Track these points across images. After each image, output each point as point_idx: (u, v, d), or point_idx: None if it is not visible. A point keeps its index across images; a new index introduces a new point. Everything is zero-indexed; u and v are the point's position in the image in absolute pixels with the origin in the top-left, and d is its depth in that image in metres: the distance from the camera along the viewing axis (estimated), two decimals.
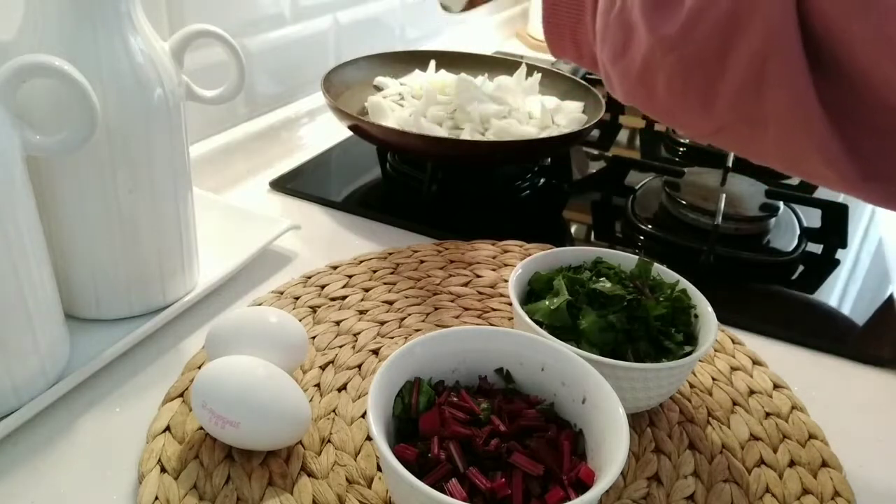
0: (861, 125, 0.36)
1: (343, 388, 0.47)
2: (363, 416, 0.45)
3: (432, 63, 0.89)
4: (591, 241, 0.70)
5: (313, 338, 0.51)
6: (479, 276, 0.60)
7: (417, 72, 0.88)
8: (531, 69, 0.87)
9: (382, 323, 0.53)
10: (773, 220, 0.71)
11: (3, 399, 0.41)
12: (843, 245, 0.71)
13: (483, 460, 0.36)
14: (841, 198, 0.82)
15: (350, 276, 0.58)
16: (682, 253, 0.67)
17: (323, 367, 0.49)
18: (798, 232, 0.72)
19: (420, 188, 0.72)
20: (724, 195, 0.69)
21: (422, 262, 0.61)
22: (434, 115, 0.75)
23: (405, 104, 0.80)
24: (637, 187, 0.78)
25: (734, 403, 0.49)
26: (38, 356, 0.42)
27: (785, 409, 0.49)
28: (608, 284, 0.47)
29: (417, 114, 0.74)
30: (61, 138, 0.40)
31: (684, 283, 0.48)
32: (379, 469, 0.41)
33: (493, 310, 0.56)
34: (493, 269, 0.61)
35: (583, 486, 0.34)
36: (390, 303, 0.56)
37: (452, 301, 0.57)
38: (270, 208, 0.71)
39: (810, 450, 0.45)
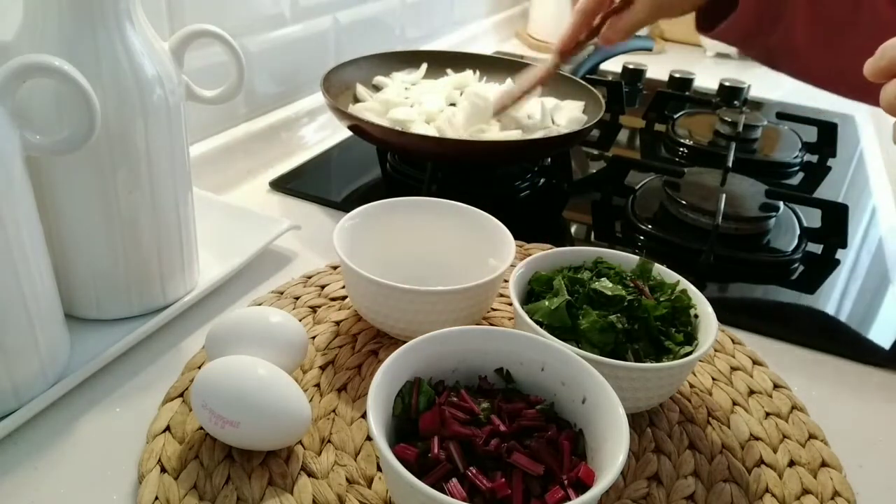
0: None
1: (343, 388, 0.47)
2: (363, 416, 0.45)
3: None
4: (591, 241, 0.70)
5: (313, 338, 0.51)
6: None
7: (425, 65, 0.88)
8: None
9: None
10: (773, 220, 0.71)
11: (3, 399, 0.41)
12: (843, 245, 0.71)
13: (483, 460, 0.36)
14: (841, 198, 0.83)
15: None
16: (682, 253, 0.67)
17: (323, 368, 0.49)
18: (798, 232, 0.72)
19: (420, 188, 0.72)
20: (724, 195, 0.69)
21: None
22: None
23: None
24: (637, 187, 0.78)
25: (734, 403, 0.49)
26: (38, 356, 0.42)
27: (785, 409, 0.49)
28: (608, 284, 0.47)
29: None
30: (61, 138, 0.40)
31: (684, 283, 0.48)
32: (379, 469, 0.41)
33: (494, 310, 0.56)
34: None
35: (583, 486, 0.34)
36: None
37: None
38: (270, 208, 0.71)
39: (810, 450, 0.45)
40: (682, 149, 0.93)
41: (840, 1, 0.65)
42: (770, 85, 1.21)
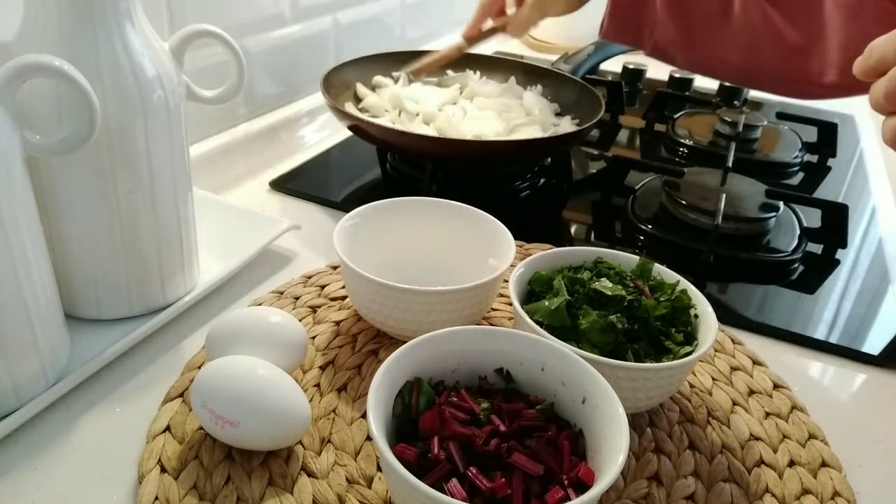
0: None
1: (343, 388, 0.47)
2: (363, 416, 0.45)
3: None
4: (591, 241, 0.70)
5: (313, 338, 0.51)
6: None
7: None
8: (527, 73, 0.87)
9: None
10: (773, 220, 0.71)
11: (3, 399, 0.41)
12: (843, 245, 0.71)
13: (483, 460, 0.35)
14: (841, 198, 0.83)
15: None
16: (682, 253, 0.67)
17: (323, 368, 0.49)
18: (798, 232, 0.72)
19: (420, 188, 0.72)
20: (724, 195, 0.69)
21: None
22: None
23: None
24: (637, 187, 0.78)
25: (734, 403, 0.49)
26: (38, 356, 0.42)
27: (785, 409, 0.49)
28: (608, 284, 0.47)
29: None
30: (61, 138, 0.40)
31: (684, 283, 0.48)
32: (379, 469, 0.41)
33: (494, 310, 0.56)
34: None
35: (583, 486, 0.34)
36: None
37: None
38: (270, 208, 0.71)
39: (810, 450, 0.45)
40: (682, 149, 0.93)
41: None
42: None
